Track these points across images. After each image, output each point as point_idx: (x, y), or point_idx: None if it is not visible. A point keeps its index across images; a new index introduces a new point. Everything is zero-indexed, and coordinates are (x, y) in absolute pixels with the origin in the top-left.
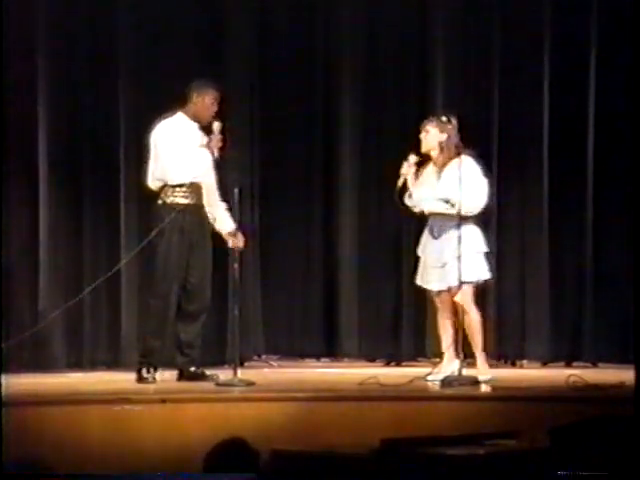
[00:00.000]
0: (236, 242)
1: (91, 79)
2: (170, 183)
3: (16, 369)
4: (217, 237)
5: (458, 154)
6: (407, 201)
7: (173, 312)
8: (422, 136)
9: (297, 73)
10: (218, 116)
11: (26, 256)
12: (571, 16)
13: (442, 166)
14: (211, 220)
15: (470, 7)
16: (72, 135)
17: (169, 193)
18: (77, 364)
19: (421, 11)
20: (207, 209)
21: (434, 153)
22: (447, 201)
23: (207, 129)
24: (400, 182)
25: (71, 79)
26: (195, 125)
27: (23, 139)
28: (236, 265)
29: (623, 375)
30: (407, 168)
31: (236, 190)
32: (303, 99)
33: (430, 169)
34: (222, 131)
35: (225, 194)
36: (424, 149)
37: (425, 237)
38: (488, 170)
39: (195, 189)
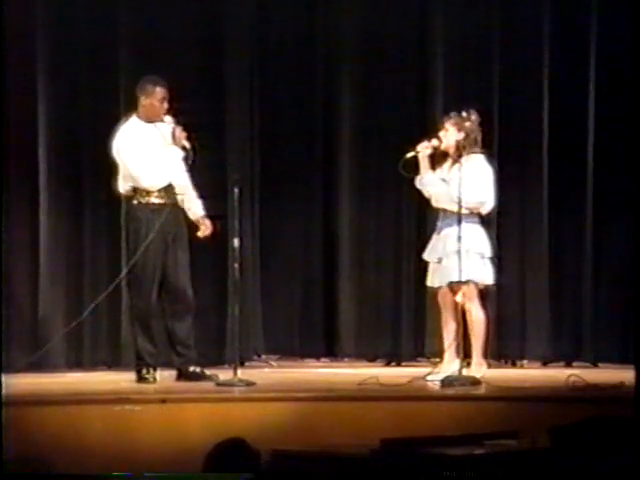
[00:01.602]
0: (205, 230)
1: (91, 81)
2: (149, 190)
3: (16, 369)
4: (216, 237)
5: (474, 152)
6: (417, 184)
7: (156, 312)
8: (441, 133)
9: (297, 73)
10: (170, 111)
11: (26, 258)
12: (571, 14)
13: (456, 161)
14: (186, 210)
15: (470, 5)
16: (72, 138)
17: (144, 194)
18: (77, 364)
19: (421, 10)
20: (183, 203)
21: (451, 149)
22: (451, 195)
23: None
24: (410, 154)
25: (71, 82)
26: (151, 126)
27: (23, 142)
28: (236, 265)
29: (623, 375)
30: (423, 147)
31: (236, 190)
32: (303, 99)
33: (447, 162)
34: (177, 123)
35: (225, 194)
36: (444, 147)
37: (432, 237)
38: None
39: (169, 189)
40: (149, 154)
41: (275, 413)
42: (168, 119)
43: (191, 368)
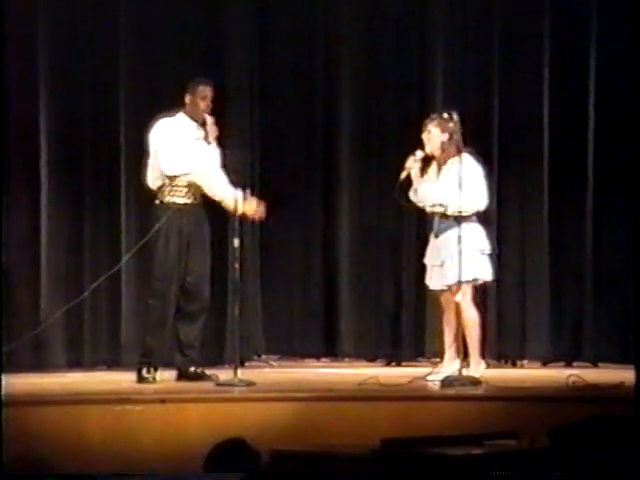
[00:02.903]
0: (252, 209)
1: (92, 80)
2: (168, 174)
3: (16, 369)
4: (216, 237)
5: (459, 152)
6: (412, 197)
7: (172, 312)
8: (424, 136)
9: (297, 73)
10: (212, 111)
11: (27, 257)
12: (571, 11)
13: (442, 164)
14: (220, 200)
15: (470, 5)
16: (73, 136)
17: (166, 192)
18: (77, 364)
19: (421, 9)
20: (215, 195)
21: (436, 152)
22: (443, 200)
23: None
24: (403, 175)
25: (72, 80)
26: (194, 124)
27: (24, 140)
28: (236, 265)
29: (623, 375)
30: (412, 162)
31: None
32: (303, 99)
33: (433, 167)
34: (216, 124)
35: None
36: (428, 150)
37: (430, 240)
38: (488, 169)
39: (193, 189)
40: (180, 144)
41: (275, 413)
42: (209, 119)
43: (192, 368)
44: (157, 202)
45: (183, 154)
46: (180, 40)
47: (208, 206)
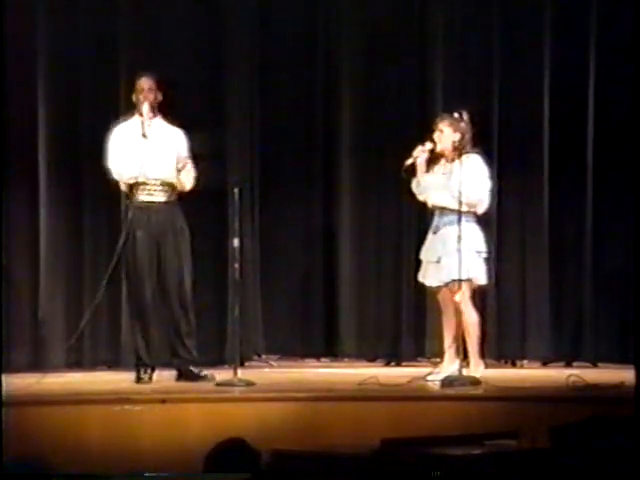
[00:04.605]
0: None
1: (91, 79)
2: (124, 181)
3: (16, 369)
4: (216, 237)
5: (468, 151)
6: (414, 189)
7: (150, 312)
8: (436, 135)
9: (297, 72)
10: (155, 103)
11: (26, 256)
12: (572, 11)
13: (451, 161)
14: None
15: (470, 4)
16: (72, 135)
17: (134, 191)
18: (77, 364)
19: (421, 9)
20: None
21: (447, 151)
22: (451, 193)
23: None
24: (408, 162)
25: (71, 79)
26: (139, 121)
27: (24, 139)
28: (236, 265)
29: (623, 375)
30: (419, 152)
31: (236, 190)
32: (303, 99)
33: (441, 163)
34: (153, 110)
35: (225, 195)
36: (439, 149)
37: (428, 236)
38: (491, 169)
39: (164, 186)
40: (122, 149)
41: (275, 413)
42: (145, 108)
43: (191, 368)
44: (127, 202)
45: (125, 158)
46: (180, 41)
47: (204, 206)
